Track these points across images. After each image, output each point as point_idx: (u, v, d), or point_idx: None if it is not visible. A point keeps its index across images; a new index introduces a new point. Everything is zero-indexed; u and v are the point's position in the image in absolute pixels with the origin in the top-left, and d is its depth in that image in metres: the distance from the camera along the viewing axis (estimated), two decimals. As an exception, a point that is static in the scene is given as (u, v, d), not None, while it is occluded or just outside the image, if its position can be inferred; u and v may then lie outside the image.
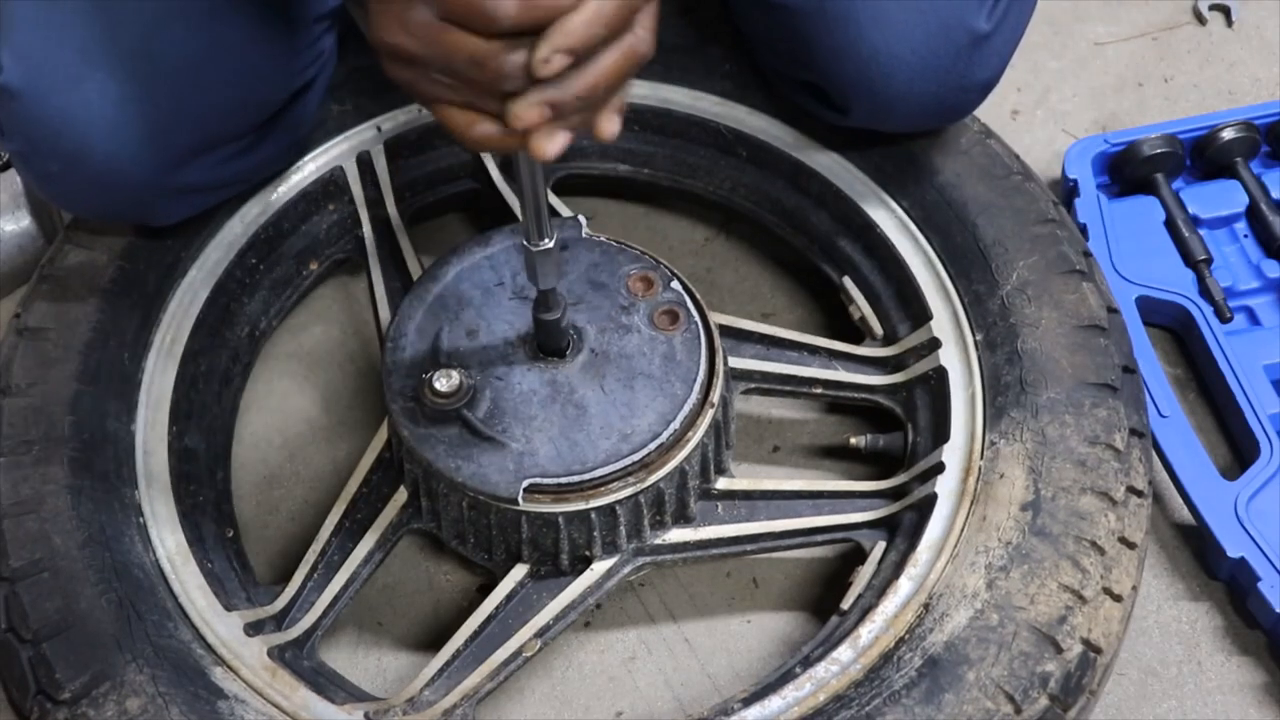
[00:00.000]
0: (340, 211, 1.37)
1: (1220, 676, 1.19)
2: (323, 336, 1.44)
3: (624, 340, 1.16)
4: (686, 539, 1.16)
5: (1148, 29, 1.70)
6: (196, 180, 1.20)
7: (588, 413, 1.12)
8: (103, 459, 1.15)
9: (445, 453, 1.11)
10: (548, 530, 1.11)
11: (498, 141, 0.88)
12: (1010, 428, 1.13)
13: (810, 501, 1.18)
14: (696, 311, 1.18)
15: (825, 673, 1.04)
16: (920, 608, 1.05)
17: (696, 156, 1.40)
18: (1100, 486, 1.09)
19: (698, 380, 1.14)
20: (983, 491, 1.11)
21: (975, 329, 1.20)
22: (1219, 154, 1.44)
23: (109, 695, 1.01)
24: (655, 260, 1.22)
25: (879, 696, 1.01)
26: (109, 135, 1.11)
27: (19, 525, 1.09)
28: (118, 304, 1.23)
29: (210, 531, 1.18)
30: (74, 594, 1.06)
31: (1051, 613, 1.03)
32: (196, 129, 1.16)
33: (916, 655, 1.02)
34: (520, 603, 1.13)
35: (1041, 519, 1.08)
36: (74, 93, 1.09)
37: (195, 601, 1.09)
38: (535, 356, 1.15)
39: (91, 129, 1.10)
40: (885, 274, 1.29)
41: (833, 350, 1.27)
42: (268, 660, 1.07)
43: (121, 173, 1.13)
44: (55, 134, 1.10)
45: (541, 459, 1.10)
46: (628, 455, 1.10)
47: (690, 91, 1.38)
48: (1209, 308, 1.34)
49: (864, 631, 1.05)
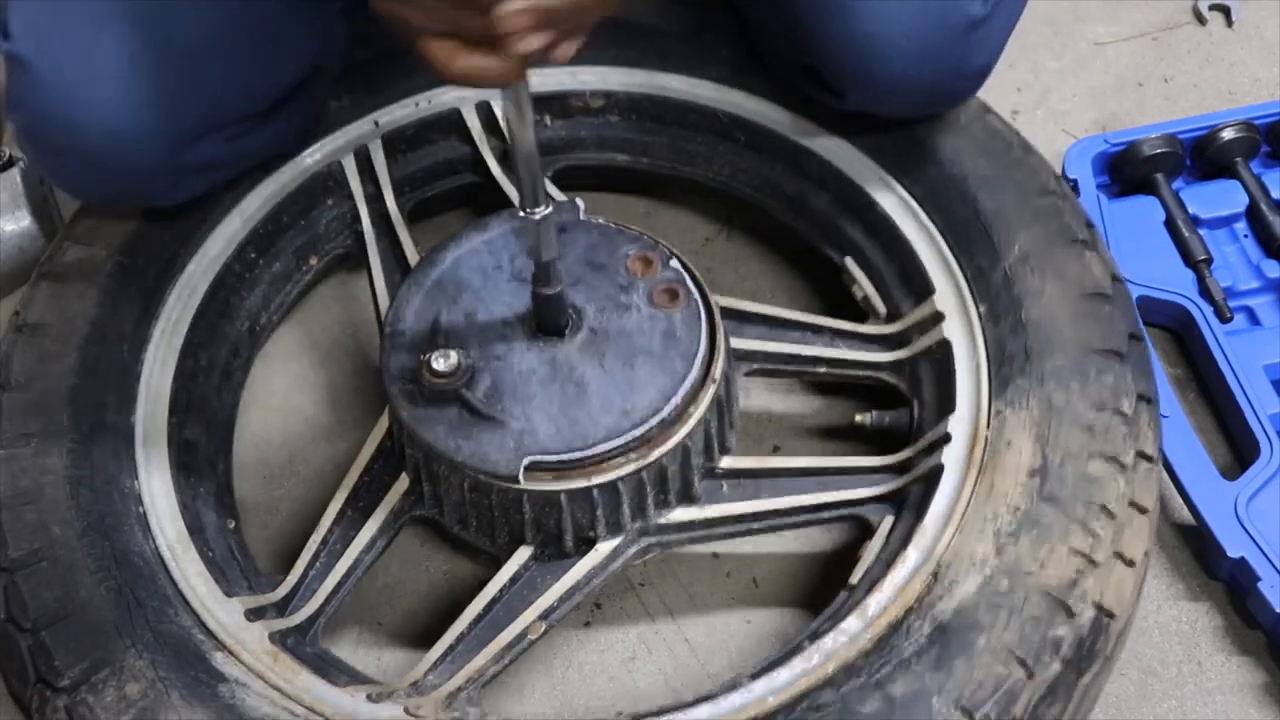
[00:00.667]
0: (339, 206, 1.37)
1: (1220, 676, 1.18)
2: (323, 333, 1.44)
3: (623, 318, 1.16)
4: (692, 518, 1.15)
5: (1148, 29, 1.70)
6: (204, 157, 1.20)
7: (588, 390, 1.11)
8: (102, 450, 1.14)
9: (445, 433, 1.10)
10: (550, 510, 1.10)
11: (480, 72, 0.88)
12: (1016, 396, 1.12)
13: (815, 478, 1.17)
14: (696, 289, 1.18)
15: (834, 643, 1.02)
16: (929, 576, 1.04)
17: (695, 143, 1.39)
18: (1109, 451, 1.08)
19: (698, 356, 1.13)
20: (990, 461, 1.09)
21: (979, 301, 1.19)
22: (1219, 154, 1.43)
23: (108, 681, 1.00)
24: (654, 240, 1.21)
25: (889, 664, 0.99)
26: (114, 109, 1.11)
27: (18, 516, 1.09)
28: (117, 298, 1.23)
29: (211, 522, 1.17)
30: (73, 582, 1.05)
31: (1062, 577, 1.02)
32: (206, 104, 1.16)
33: (926, 623, 1.01)
34: (524, 585, 1.12)
35: (1050, 485, 1.06)
36: (81, 64, 1.09)
37: (196, 588, 1.08)
38: (534, 336, 1.15)
39: (97, 102, 1.10)
40: (887, 252, 1.28)
41: (836, 329, 1.26)
42: (269, 645, 1.05)
43: (127, 147, 1.13)
44: (61, 105, 1.10)
45: (542, 437, 1.09)
46: (629, 431, 1.09)
47: (687, 78, 1.38)
48: (1209, 308, 1.33)
49: (872, 602, 1.04)
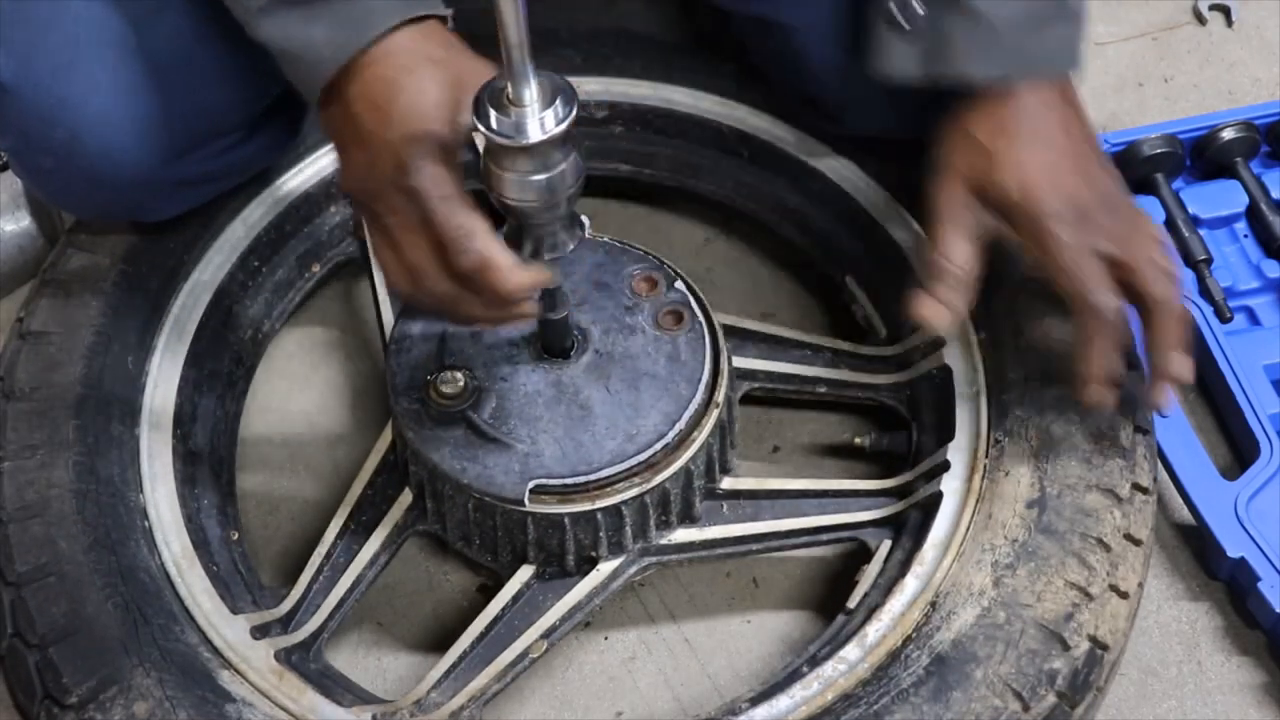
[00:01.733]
0: (342, 213, 1.37)
1: (1220, 676, 1.19)
2: (324, 338, 1.44)
3: (628, 341, 1.16)
4: (692, 539, 1.16)
5: (1148, 29, 1.70)
6: (191, 172, 1.19)
7: (593, 413, 1.12)
8: (107, 463, 1.14)
9: (451, 454, 1.11)
10: (554, 531, 1.11)
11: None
12: (1015, 425, 1.13)
13: (815, 500, 1.18)
14: (701, 312, 1.18)
15: (833, 671, 1.04)
16: (927, 606, 1.05)
17: (698, 156, 1.40)
18: (1106, 484, 1.09)
19: (702, 380, 1.14)
20: (988, 489, 1.11)
21: (979, 327, 1.20)
22: (1219, 154, 1.44)
23: (116, 699, 1.01)
24: (659, 261, 1.22)
25: (887, 695, 1.01)
26: (100, 127, 1.10)
27: (24, 530, 1.09)
28: (120, 307, 1.23)
29: (215, 535, 1.18)
30: (80, 598, 1.06)
31: (1058, 610, 1.03)
32: (190, 120, 1.15)
33: (924, 653, 1.02)
34: (526, 604, 1.13)
35: (1047, 516, 1.08)
36: (65, 84, 1.09)
37: (202, 605, 1.09)
38: (540, 357, 1.15)
39: (82, 120, 1.10)
40: (888, 272, 1.29)
41: (836, 350, 1.27)
42: (275, 663, 1.07)
43: (114, 165, 1.12)
44: (47, 126, 1.10)
45: (547, 460, 1.10)
46: (633, 456, 1.10)
47: (692, 91, 1.39)
48: (1209, 308, 1.33)
49: (871, 630, 1.05)
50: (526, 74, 0.90)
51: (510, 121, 0.91)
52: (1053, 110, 1.08)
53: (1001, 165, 1.05)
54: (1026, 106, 1.07)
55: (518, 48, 0.88)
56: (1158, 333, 1.06)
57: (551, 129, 0.91)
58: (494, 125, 0.92)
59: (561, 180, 0.95)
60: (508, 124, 0.91)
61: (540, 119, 0.91)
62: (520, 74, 0.90)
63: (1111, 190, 1.08)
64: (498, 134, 0.92)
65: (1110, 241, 1.05)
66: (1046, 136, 1.06)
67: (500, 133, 0.92)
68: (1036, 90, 1.07)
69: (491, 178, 0.96)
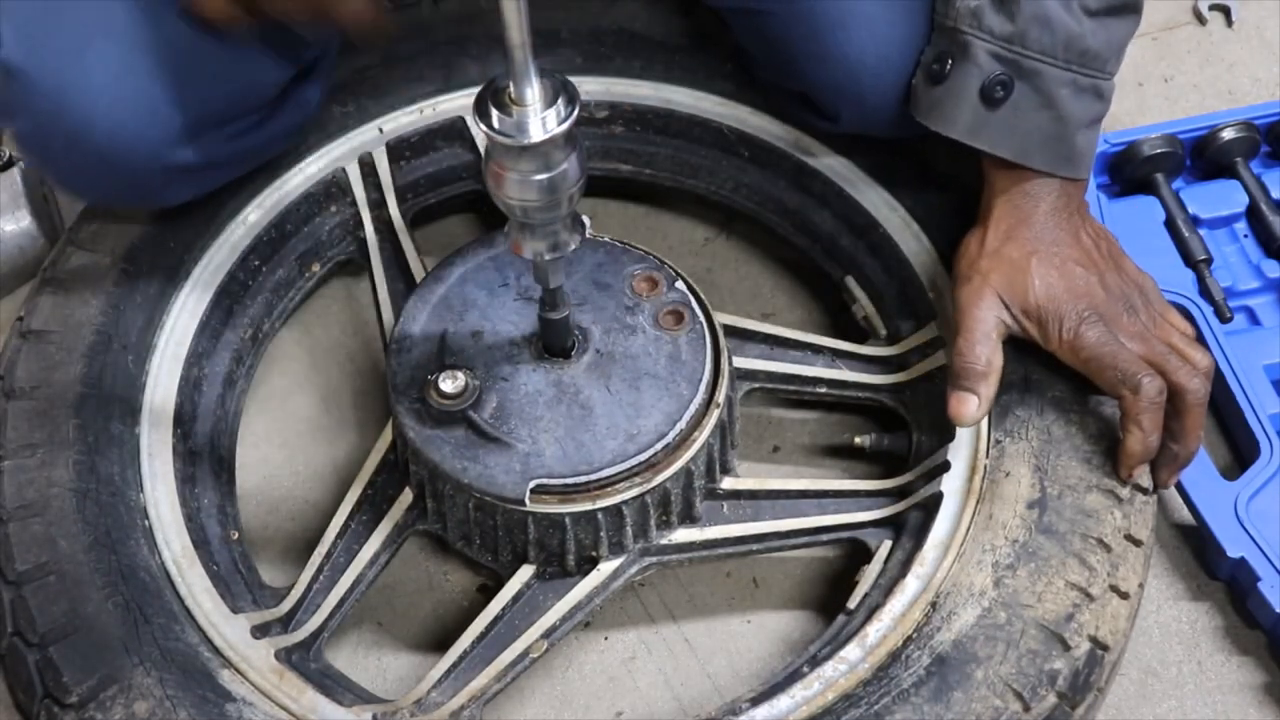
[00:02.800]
0: (343, 213, 1.37)
1: (1220, 676, 1.19)
2: (324, 337, 1.44)
3: (629, 340, 1.17)
4: (692, 539, 1.16)
5: (1148, 29, 1.70)
6: (201, 157, 1.19)
7: (593, 413, 1.12)
8: (107, 462, 1.14)
9: (451, 454, 1.11)
10: (554, 531, 1.11)
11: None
12: (1015, 426, 1.13)
13: (815, 501, 1.18)
14: (701, 311, 1.18)
15: (833, 672, 1.04)
16: (928, 606, 1.05)
17: (699, 157, 1.40)
18: (1107, 484, 1.09)
19: (703, 380, 1.14)
20: (989, 490, 1.11)
21: (979, 327, 1.20)
22: (1219, 154, 1.44)
23: (116, 699, 1.01)
24: (660, 260, 1.22)
25: (888, 695, 1.01)
26: (111, 109, 1.10)
27: (24, 528, 1.09)
28: (121, 306, 1.23)
29: (215, 534, 1.18)
30: (81, 597, 1.06)
31: (1059, 610, 1.03)
32: (200, 104, 1.15)
33: (925, 654, 1.03)
34: (526, 604, 1.13)
35: (1048, 517, 1.08)
36: (75, 67, 1.09)
37: (202, 604, 1.09)
38: (541, 357, 1.15)
39: (93, 103, 1.10)
40: (888, 273, 1.29)
41: (836, 350, 1.27)
42: (275, 663, 1.07)
43: (125, 148, 1.12)
44: (57, 109, 1.10)
45: (548, 460, 1.10)
46: (634, 456, 1.10)
47: (692, 92, 1.39)
48: (1209, 308, 1.33)
49: (871, 630, 1.05)
50: (529, 74, 0.90)
51: (512, 121, 0.92)
52: (1071, 216, 1.15)
53: (1033, 283, 1.11)
54: (1048, 213, 1.14)
55: (520, 48, 0.88)
56: (1183, 422, 1.11)
57: (553, 129, 0.92)
58: (496, 124, 0.92)
59: (563, 180, 0.95)
60: (510, 123, 0.92)
61: (542, 119, 0.91)
62: (522, 74, 0.90)
63: (1130, 289, 1.14)
64: (500, 133, 0.92)
65: (1132, 340, 1.11)
66: (1070, 247, 1.14)
67: (502, 132, 0.92)
68: (1051, 192, 1.14)
69: (493, 177, 0.96)
